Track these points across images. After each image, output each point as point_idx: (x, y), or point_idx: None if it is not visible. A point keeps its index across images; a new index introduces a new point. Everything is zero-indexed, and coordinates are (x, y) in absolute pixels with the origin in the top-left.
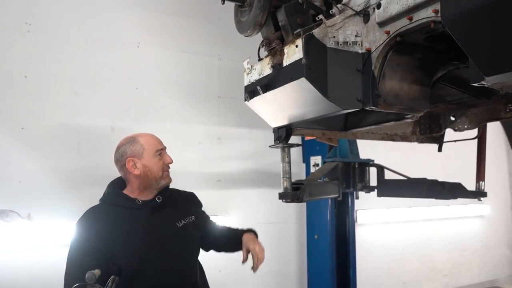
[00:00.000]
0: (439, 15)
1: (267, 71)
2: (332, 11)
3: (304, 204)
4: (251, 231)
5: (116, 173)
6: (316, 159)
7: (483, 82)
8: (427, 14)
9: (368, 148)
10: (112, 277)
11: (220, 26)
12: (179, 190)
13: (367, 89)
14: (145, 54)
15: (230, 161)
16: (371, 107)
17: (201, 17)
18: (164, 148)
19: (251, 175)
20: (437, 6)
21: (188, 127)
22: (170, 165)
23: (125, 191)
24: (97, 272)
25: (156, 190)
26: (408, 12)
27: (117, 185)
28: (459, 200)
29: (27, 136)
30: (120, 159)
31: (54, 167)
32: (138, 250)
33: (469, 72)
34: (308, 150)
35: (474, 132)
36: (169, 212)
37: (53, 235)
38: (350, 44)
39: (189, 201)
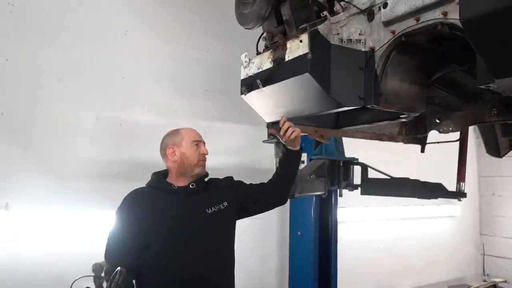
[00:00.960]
0: (448, 17)
1: (267, 65)
2: (335, 9)
3: (287, 201)
4: None
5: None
6: (302, 156)
7: (490, 85)
8: (435, 15)
9: (349, 148)
10: (118, 269)
11: (209, 19)
12: (218, 178)
13: (369, 87)
14: (132, 43)
15: (215, 156)
16: (372, 105)
17: (190, 8)
18: (201, 141)
19: (235, 170)
20: (446, 8)
21: (174, 119)
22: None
23: (167, 179)
24: (103, 263)
25: (192, 178)
26: (416, 13)
27: (161, 173)
28: (432, 200)
29: (6, 122)
30: (163, 148)
31: (35, 155)
32: (165, 230)
33: (477, 73)
34: None
35: (455, 135)
36: (201, 198)
37: (32, 225)
38: (354, 42)
39: (223, 187)
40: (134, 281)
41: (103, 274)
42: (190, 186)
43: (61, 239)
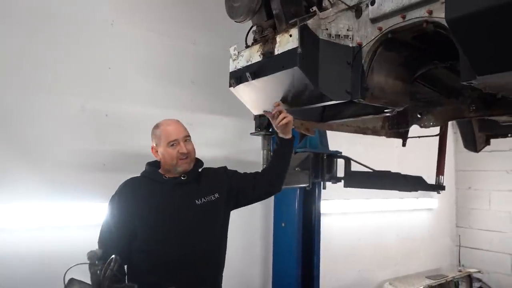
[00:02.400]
0: (433, 15)
1: (257, 58)
2: (324, 4)
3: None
4: None
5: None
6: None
7: (473, 81)
8: (420, 14)
9: (333, 142)
10: (113, 256)
11: (197, 11)
12: (212, 168)
13: (356, 81)
14: (118, 33)
15: (201, 148)
16: (359, 99)
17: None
18: (178, 139)
19: (221, 163)
20: (431, 7)
21: (160, 110)
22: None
23: (160, 169)
24: (98, 251)
25: (179, 173)
26: (402, 10)
27: (154, 164)
28: (411, 193)
29: None
30: (151, 141)
31: (18, 147)
32: (153, 219)
33: (461, 71)
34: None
35: (435, 130)
36: (191, 189)
37: (17, 217)
38: (342, 37)
39: (215, 179)
40: (125, 267)
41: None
42: (182, 178)
43: (46, 231)
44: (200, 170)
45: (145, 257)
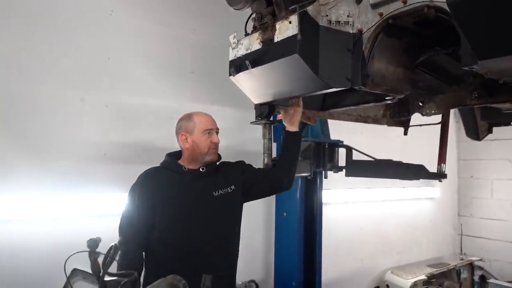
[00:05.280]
0: (434, 0)
1: (256, 46)
2: None
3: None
4: None
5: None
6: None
7: (474, 66)
8: None
9: (334, 131)
10: (113, 244)
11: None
12: (229, 162)
13: (356, 68)
14: (117, 23)
15: None
16: (360, 86)
17: None
18: (213, 129)
19: (222, 153)
20: None
21: (160, 101)
22: (218, 144)
23: (180, 160)
24: (98, 239)
25: (202, 163)
26: None
27: (174, 155)
28: (413, 182)
29: None
30: (177, 132)
31: (19, 138)
32: (172, 210)
33: (462, 56)
34: (279, 129)
35: (437, 118)
36: (209, 181)
37: (19, 207)
38: (342, 23)
39: (232, 171)
40: (144, 254)
41: (98, 250)
42: (200, 170)
43: (49, 221)
44: (218, 163)
45: (163, 248)
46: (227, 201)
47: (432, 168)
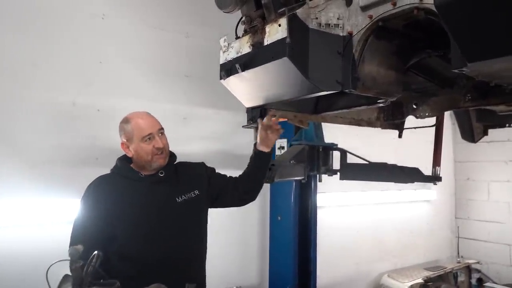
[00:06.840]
0: (423, 2)
1: (246, 49)
2: None
3: (267, 186)
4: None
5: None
6: (282, 142)
7: (464, 69)
8: (411, 0)
9: (328, 134)
10: (95, 252)
11: (188, 2)
12: (189, 163)
13: (347, 71)
14: (109, 26)
15: (196, 142)
16: (350, 89)
17: None
18: (153, 133)
19: (216, 156)
20: None
21: (154, 105)
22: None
23: (132, 165)
24: (79, 247)
25: (154, 170)
26: None
27: (126, 159)
28: (409, 185)
29: None
30: (120, 137)
31: (9, 142)
32: (132, 219)
33: (451, 58)
34: None
35: (431, 120)
36: (170, 186)
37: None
38: (332, 26)
39: (195, 174)
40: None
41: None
42: (159, 174)
43: (37, 227)
44: (175, 164)
45: (126, 261)
46: (192, 207)
47: (428, 171)
